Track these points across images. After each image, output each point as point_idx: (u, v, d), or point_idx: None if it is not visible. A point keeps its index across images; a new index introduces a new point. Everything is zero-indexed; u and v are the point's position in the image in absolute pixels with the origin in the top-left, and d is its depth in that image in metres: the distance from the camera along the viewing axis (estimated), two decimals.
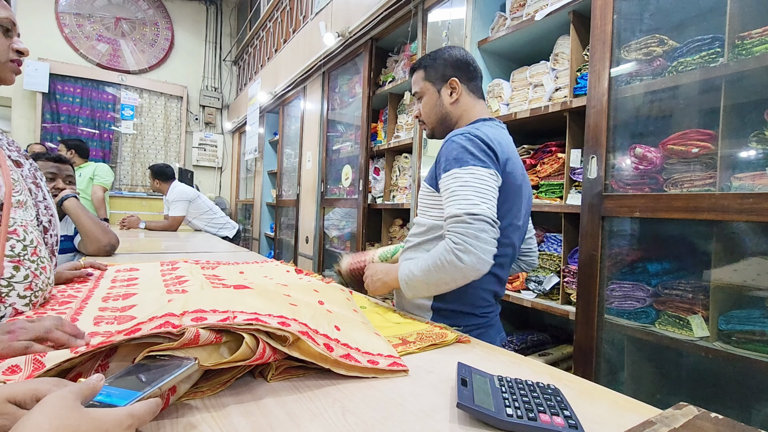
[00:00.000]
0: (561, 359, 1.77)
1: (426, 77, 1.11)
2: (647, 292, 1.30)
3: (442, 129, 1.13)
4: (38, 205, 0.91)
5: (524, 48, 1.93)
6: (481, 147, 0.93)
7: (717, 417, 0.48)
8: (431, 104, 1.12)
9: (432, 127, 1.15)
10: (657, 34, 1.30)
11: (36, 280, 0.80)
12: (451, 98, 1.10)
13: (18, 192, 0.82)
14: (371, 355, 0.62)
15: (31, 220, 0.84)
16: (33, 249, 0.81)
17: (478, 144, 0.93)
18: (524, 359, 0.72)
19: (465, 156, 0.91)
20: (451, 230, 0.87)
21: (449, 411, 0.51)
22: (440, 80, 1.10)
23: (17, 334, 0.55)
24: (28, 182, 0.91)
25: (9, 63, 0.83)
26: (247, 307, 0.56)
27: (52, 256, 0.92)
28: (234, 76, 6.79)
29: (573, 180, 1.57)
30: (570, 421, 0.46)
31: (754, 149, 1.11)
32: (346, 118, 3.44)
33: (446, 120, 1.12)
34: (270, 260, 1.71)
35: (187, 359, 0.47)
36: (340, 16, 3.00)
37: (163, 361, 0.47)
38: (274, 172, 4.85)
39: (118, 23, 5.88)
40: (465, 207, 0.86)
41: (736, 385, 1.13)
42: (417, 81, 1.13)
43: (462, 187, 0.89)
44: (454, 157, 0.92)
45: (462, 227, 0.85)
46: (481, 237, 0.84)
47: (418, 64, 1.14)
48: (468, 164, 0.90)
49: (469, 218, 0.85)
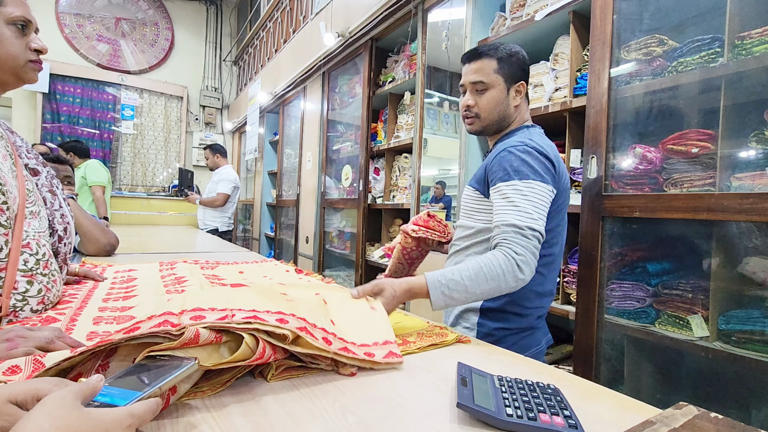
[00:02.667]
0: (561, 359, 1.77)
1: (499, 70, 1.04)
2: (647, 291, 1.30)
3: (496, 128, 1.09)
4: (54, 213, 0.91)
5: (524, 48, 1.91)
6: (541, 161, 0.95)
7: (717, 417, 0.48)
8: (498, 100, 1.05)
9: (487, 124, 1.07)
10: (657, 34, 1.30)
11: (48, 293, 0.80)
12: (515, 101, 1.07)
13: (32, 203, 0.82)
14: (367, 347, 0.63)
15: (43, 231, 0.84)
16: (45, 263, 0.81)
17: (537, 158, 0.95)
18: (524, 359, 0.72)
19: (526, 169, 0.93)
20: (512, 240, 0.87)
21: (449, 411, 0.51)
22: (511, 79, 1.05)
23: (16, 343, 0.54)
24: (44, 191, 0.91)
25: (29, 63, 0.80)
26: (245, 304, 0.56)
27: (64, 264, 0.92)
28: (234, 76, 6.79)
29: (573, 180, 1.57)
30: (570, 420, 0.46)
31: (753, 149, 1.11)
32: (346, 118, 3.44)
33: (504, 121, 1.08)
34: (270, 260, 1.71)
35: (188, 359, 0.47)
36: (340, 17, 3.00)
37: (163, 361, 0.47)
38: (274, 172, 4.85)
39: (118, 23, 5.88)
40: (526, 220, 0.88)
41: (736, 385, 1.13)
42: (485, 71, 1.03)
43: (522, 199, 0.90)
44: (514, 168, 0.93)
45: (524, 241, 0.86)
46: (536, 253, 0.88)
47: (490, 52, 1.04)
48: (528, 178, 0.92)
49: (530, 233, 0.87)
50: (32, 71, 0.81)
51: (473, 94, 1.06)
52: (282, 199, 4.52)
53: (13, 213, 0.75)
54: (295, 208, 4.02)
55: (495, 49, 1.05)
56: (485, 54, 1.04)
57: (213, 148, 3.91)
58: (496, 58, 1.04)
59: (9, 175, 0.77)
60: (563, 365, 1.73)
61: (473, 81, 1.05)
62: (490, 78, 1.03)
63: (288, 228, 4.36)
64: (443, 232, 1.21)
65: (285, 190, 4.48)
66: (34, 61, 0.81)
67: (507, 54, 1.05)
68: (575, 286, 1.46)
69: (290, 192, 4.30)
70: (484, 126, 1.08)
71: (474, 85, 1.05)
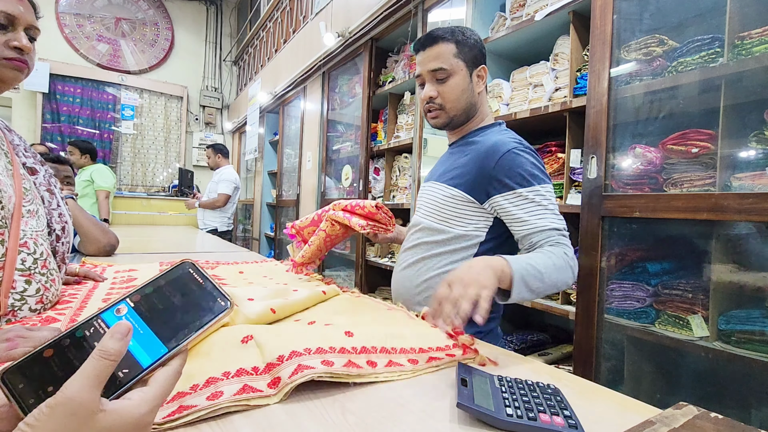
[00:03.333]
0: (561, 359, 1.77)
1: (459, 54, 0.95)
2: (647, 291, 1.30)
3: (463, 119, 1.01)
4: (51, 212, 0.90)
5: (524, 48, 1.93)
6: (542, 162, 0.94)
7: (717, 417, 0.48)
8: (462, 87, 0.96)
9: (454, 115, 0.99)
10: (657, 34, 1.30)
11: (47, 293, 0.80)
12: (478, 87, 0.98)
13: (29, 201, 0.81)
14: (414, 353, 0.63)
15: (41, 230, 0.83)
16: (43, 262, 0.80)
17: (539, 159, 0.94)
18: (524, 359, 0.72)
19: (538, 173, 0.91)
20: (562, 243, 0.87)
21: (449, 411, 0.51)
22: (472, 63, 0.97)
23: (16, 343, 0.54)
24: (42, 190, 0.90)
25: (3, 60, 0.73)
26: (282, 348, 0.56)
27: (62, 264, 0.92)
28: (234, 76, 6.79)
29: (573, 180, 1.57)
30: (570, 420, 0.46)
31: (753, 149, 1.11)
32: (346, 118, 3.44)
33: (471, 110, 1.00)
34: (270, 260, 1.71)
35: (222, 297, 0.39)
36: (340, 16, 3.00)
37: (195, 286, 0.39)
38: (274, 172, 4.85)
39: (118, 23, 5.88)
40: (562, 225, 0.89)
41: (736, 385, 1.13)
42: (445, 56, 0.94)
43: (551, 204, 0.90)
44: (530, 173, 0.90)
45: (569, 243, 0.87)
46: None
47: (446, 35, 0.95)
48: (545, 182, 0.91)
49: (567, 235, 0.89)
50: (9, 69, 0.74)
51: (434, 84, 0.97)
52: (282, 199, 4.52)
53: (8, 212, 0.74)
54: (295, 208, 4.02)
55: (451, 32, 0.96)
56: (442, 38, 0.95)
57: (215, 148, 3.94)
58: (455, 42, 0.95)
59: (3, 173, 0.77)
60: (563, 365, 1.73)
61: (433, 69, 0.95)
62: (451, 63, 0.95)
63: None
64: (389, 224, 1.12)
65: (285, 190, 4.49)
66: (11, 59, 0.74)
67: (463, 35, 0.96)
68: (575, 286, 1.46)
69: (290, 192, 4.30)
70: (451, 117, 0.99)
71: (434, 73, 0.96)
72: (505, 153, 0.91)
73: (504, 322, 2.04)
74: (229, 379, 0.51)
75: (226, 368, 0.52)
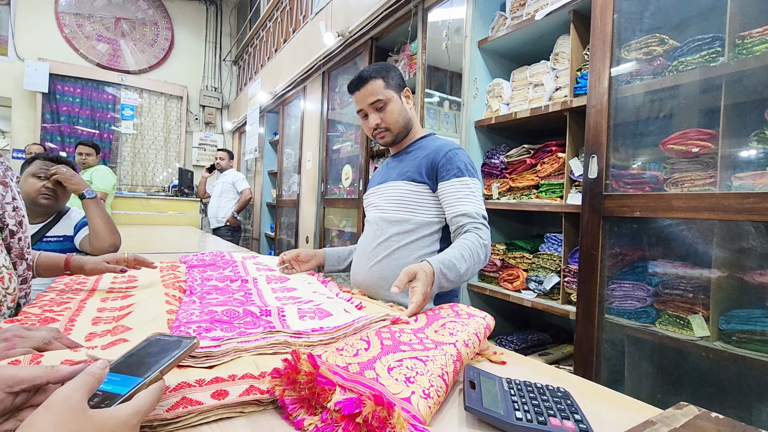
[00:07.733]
0: (561, 359, 1.77)
1: (387, 85, 1.16)
2: (648, 291, 1.29)
3: (404, 134, 1.22)
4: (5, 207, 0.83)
5: (524, 47, 1.93)
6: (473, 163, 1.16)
7: (717, 417, 0.48)
8: (398, 110, 1.18)
9: (397, 132, 1.20)
10: (657, 34, 1.30)
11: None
12: (408, 104, 1.21)
13: None
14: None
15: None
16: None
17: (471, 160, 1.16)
18: (525, 359, 0.72)
19: (471, 168, 1.13)
20: (481, 227, 1.04)
21: (457, 413, 0.50)
22: (398, 88, 1.19)
23: (14, 343, 0.53)
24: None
25: None
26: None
27: (22, 260, 0.87)
28: (234, 76, 6.79)
29: (573, 180, 1.56)
30: (581, 425, 0.46)
31: (754, 149, 1.11)
32: (346, 118, 3.44)
33: (409, 125, 1.22)
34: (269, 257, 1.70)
35: (188, 338, 0.47)
36: (340, 16, 3.00)
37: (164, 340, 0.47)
38: (274, 172, 4.85)
39: (118, 23, 5.88)
40: (483, 211, 1.08)
41: (737, 385, 1.13)
42: (377, 90, 1.15)
43: (477, 194, 1.10)
44: (466, 167, 1.11)
45: (486, 228, 1.05)
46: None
47: (372, 74, 1.16)
48: (475, 176, 1.12)
49: (486, 221, 1.07)
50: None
51: (376, 113, 1.17)
52: (282, 199, 4.52)
53: None
54: (295, 208, 4.02)
55: (375, 70, 1.17)
56: (371, 77, 1.16)
57: (230, 153, 4.28)
58: (381, 77, 1.16)
59: None
60: (564, 365, 1.73)
61: (372, 102, 1.16)
62: (384, 94, 1.16)
63: (288, 228, 4.36)
64: None
65: (285, 189, 4.48)
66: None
67: (383, 70, 1.17)
68: (575, 286, 1.46)
69: (290, 192, 4.30)
70: (395, 135, 1.20)
71: (374, 105, 1.16)
72: (448, 151, 1.13)
73: (504, 322, 2.04)
74: (236, 380, 0.51)
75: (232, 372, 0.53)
